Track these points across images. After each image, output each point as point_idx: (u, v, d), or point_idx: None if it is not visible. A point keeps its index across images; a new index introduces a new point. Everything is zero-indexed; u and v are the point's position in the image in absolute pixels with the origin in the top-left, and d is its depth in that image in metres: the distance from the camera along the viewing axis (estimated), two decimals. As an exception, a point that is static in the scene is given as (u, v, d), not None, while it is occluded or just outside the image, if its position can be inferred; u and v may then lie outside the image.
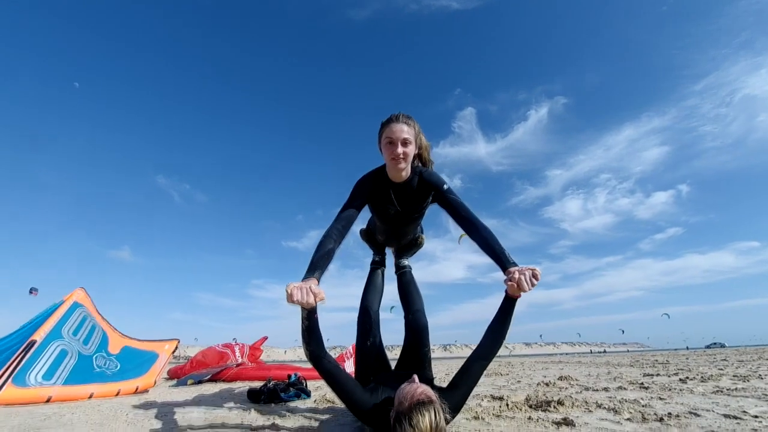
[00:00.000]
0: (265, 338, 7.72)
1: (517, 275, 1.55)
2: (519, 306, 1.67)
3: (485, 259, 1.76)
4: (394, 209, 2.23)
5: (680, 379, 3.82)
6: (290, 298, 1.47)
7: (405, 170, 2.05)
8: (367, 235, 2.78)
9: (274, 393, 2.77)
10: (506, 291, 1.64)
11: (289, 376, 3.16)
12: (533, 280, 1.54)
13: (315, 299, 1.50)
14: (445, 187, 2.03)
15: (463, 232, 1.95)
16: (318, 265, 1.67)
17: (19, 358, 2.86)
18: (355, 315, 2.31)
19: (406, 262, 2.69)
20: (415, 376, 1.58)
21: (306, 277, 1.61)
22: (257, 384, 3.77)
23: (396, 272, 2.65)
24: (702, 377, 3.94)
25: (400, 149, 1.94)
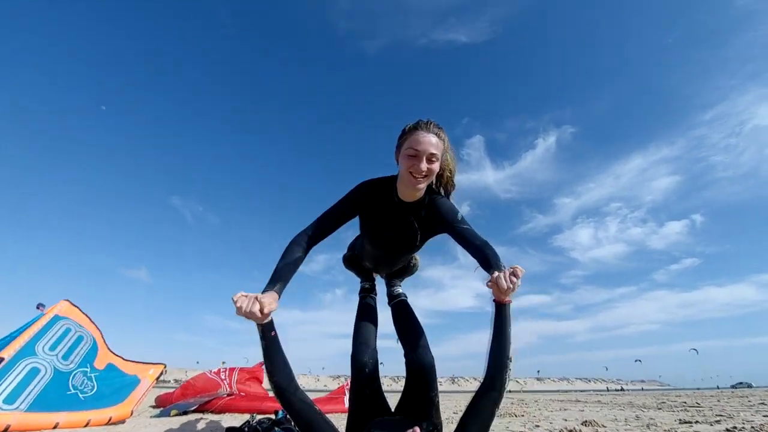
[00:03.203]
0: (262, 364, 7.32)
1: (495, 274, 1.36)
2: (530, 337, 1.37)
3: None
4: (393, 233, 1.89)
5: (727, 430, 3.33)
6: (236, 309, 1.27)
7: (421, 191, 1.72)
8: (350, 261, 2.39)
9: (257, 432, 2.42)
10: (493, 299, 1.42)
11: (276, 413, 2.80)
12: (513, 278, 1.32)
13: (262, 310, 1.28)
14: (459, 217, 1.72)
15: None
16: (281, 275, 1.49)
17: (-21, 380, 2.60)
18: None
19: (399, 289, 2.31)
20: (417, 429, 1.26)
21: (265, 289, 1.41)
22: (246, 417, 3.41)
23: (389, 303, 2.27)
24: (752, 427, 3.44)
25: (424, 165, 1.60)
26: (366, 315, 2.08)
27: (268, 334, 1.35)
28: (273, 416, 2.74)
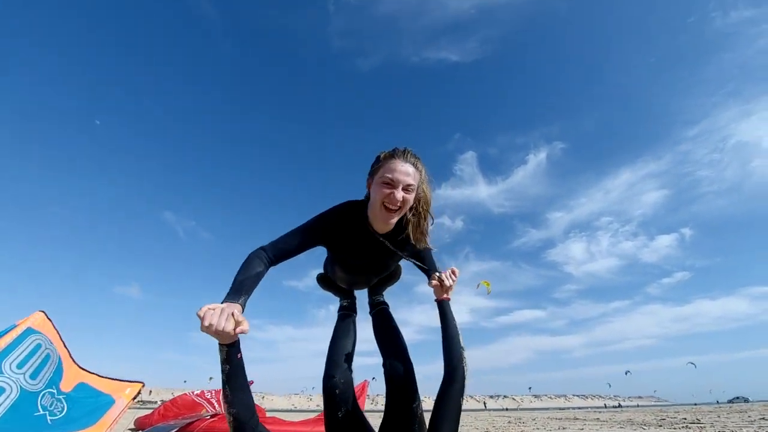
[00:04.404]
0: (251, 383, 7.03)
1: (437, 274, 1.61)
2: (525, 353, 1.28)
3: (489, 303, 1.47)
4: (364, 261, 1.82)
5: (732, 447, 3.20)
6: (203, 324, 1.11)
7: (392, 225, 1.63)
8: (325, 282, 2.28)
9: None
10: (435, 299, 1.63)
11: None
12: (452, 276, 1.59)
13: (234, 328, 1.14)
14: (426, 245, 1.74)
15: (486, 281, 1.87)
16: (244, 287, 1.32)
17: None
18: (359, 360, 1.85)
19: (381, 298, 2.24)
20: None
21: (228, 300, 1.25)
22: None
23: (371, 311, 2.18)
24: (757, 444, 3.31)
25: (400, 195, 1.50)
26: (342, 334, 1.97)
27: (233, 356, 1.19)
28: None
